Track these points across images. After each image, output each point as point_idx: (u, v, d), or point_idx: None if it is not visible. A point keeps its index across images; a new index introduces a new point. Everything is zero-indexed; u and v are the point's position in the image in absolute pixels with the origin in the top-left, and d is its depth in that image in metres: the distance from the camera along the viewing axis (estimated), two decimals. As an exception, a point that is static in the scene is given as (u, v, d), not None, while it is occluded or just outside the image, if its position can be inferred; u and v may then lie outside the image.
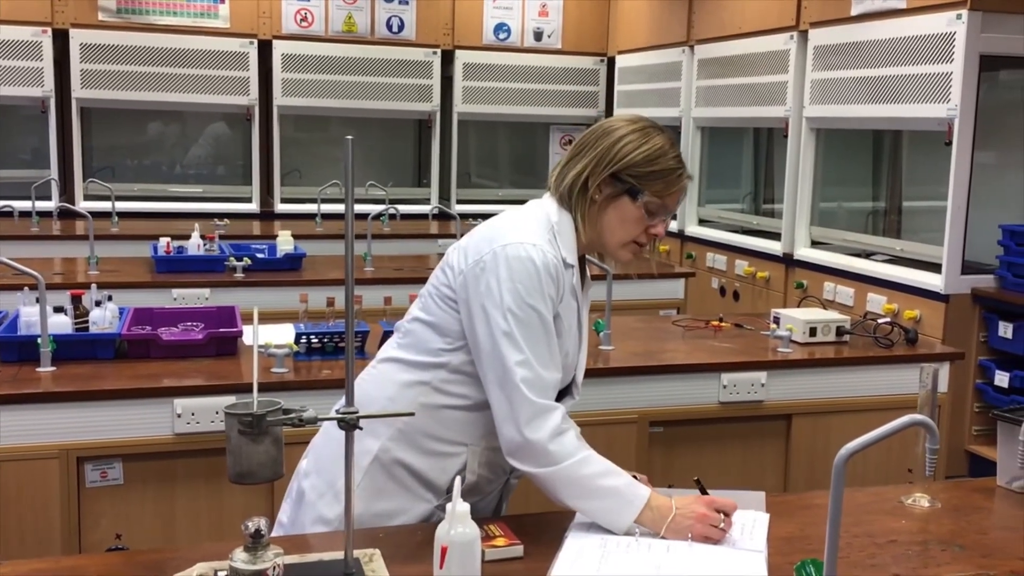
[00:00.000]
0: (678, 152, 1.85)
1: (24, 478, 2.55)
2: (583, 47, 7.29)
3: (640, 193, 1.80)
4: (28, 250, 4.84)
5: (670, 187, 1.82)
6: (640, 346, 3.25)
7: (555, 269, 1.76)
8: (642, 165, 1.80)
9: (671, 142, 1.85)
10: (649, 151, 1.81)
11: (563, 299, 1.80)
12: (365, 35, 6.82)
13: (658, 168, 1.80)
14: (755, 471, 3.13)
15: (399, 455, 1.86)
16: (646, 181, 1.80)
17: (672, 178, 1.82)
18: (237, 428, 1.48)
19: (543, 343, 1.75)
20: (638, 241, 1.85)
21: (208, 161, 7.20)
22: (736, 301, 5.61)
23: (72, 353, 2.81)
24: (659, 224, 1.84)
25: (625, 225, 1.83)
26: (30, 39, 6.15)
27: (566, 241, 1.82)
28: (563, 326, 1.81)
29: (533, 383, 1.73)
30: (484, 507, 1.97)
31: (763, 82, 5.39)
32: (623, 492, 1.74)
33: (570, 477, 1.73)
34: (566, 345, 1.83)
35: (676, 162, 1.83)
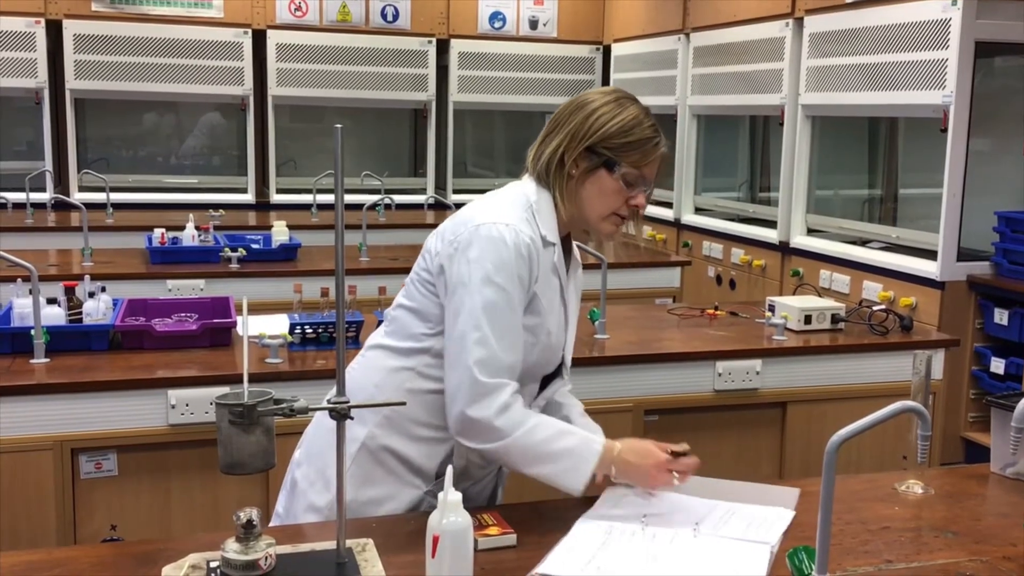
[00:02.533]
0: (653, 121, 1.83)
1: (18, 470, 2.55)
2: (578, 35, 7.27)
3: (616, 165, 1.80)
4: (22, 242, 4.84)
5: (647, 157, 1.81)
6: (635, 335, 3.25)
7: (528, 248, 1.75)
8: (617, 136, 1.79)
9: (646, 112, 1.83)
10: (623, 122, 1.79)
11: (541, 277, 1.79)
12: (360, 24, 6.80)
13: (633, 139, 1.79)
14: (750, 458, 3.13)
15: (386, 442, 1.86)
16: (622, 152, 1.79)
17: (648, 148, 1.80)
18: (228, 419, 1.47)
19: (506, 323, 1.73)
20: (619, 213, 1.84)
21: (203, 151, 7.18)
22: (732, 289, 5.61)
23: (66, 345, 2.80)
24: (639, 195, 1.83)
25: (604, 198, 1.82)
26: (23, 30, 6.12)
27: (545, 219, 1.82)
28: (542, 304, 1.80)
29: (486, 363, 1.72)
30: (478, 494, 1.97)
31: (759, 70, 5.38)
32: (577, 450, 1.76)
33: (523, 447, 1.74)
34: (548, 323, 1.82)
35: (652, 131, 1.81)
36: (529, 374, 1.85)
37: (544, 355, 1.85)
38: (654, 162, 1.83)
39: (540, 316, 1.80)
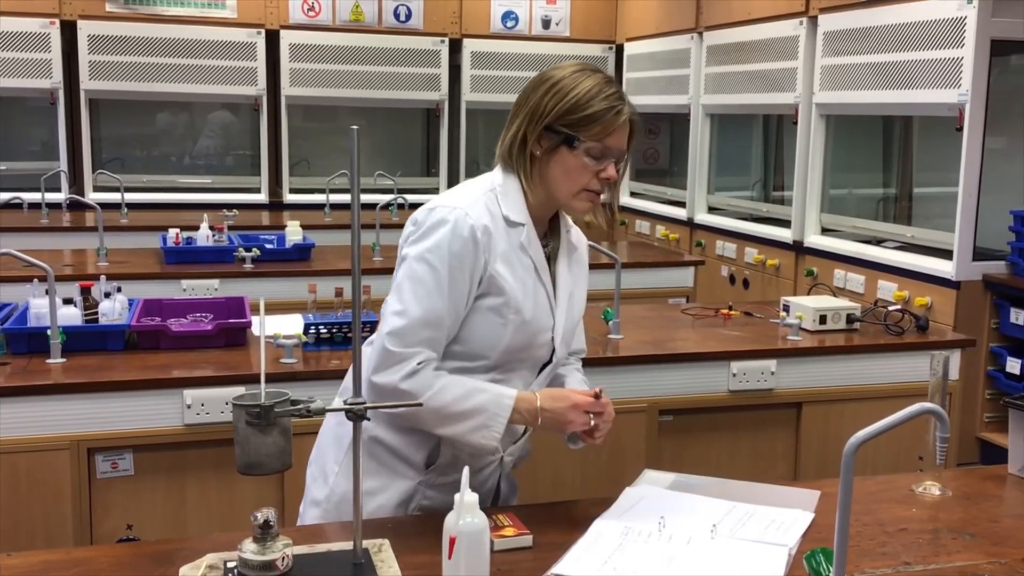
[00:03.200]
0: (614, 90, 1.79)
1: (35, 469, 2.56)
2: (591, 35, 7.26)
3: (576, 140, 1.76)
4: (38, 242, 4.86)
5: (608, 127, 1.77)
6: (649, 335, 3.24)
7: (474, 230, 1.74)
8: (573, 112, 1.76)
9: (606, 80, 1.80)
10: (578, 96, 1.76)
11: (500, 257, 1.77)
12: (372, 24, 6.80)
13: (590, 111, 1.76)
14: (765, 459, 3.12)
15: (376, 433, 1.87)
16: (580, 127, 1.76)
17: (608, 118, 1.76)
18: (245, 419, 1.48)
19: (430, 299, 1.72)
20: (589, 188, 1.80)
21: (217, 151, 7.20)
22: (746, 289, 5.60)
23: (82, 345, 2.81)
24: (608, 167, 1.79)
25: (570, 176, 1.79)
26: (38, 31, 6.15)
27: (512, 201, 1.81)
28: (503, 284, 1.77)
29: (399, 334, 1.72)
30: (478, 488, 1.92)
31: (772, 68, 5.36)
32: (487, 406, 1.74)
33: (434, 408, 1.73)
34: (515, 303, 1.78)
35: (610, 101, 1.77)
36: (516, 359, 1.83)
37: (522, 336, 1.81)
38: (619, 131, 1.78)
39: (503, 295, 1.77)
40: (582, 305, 1.98)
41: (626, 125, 1.80)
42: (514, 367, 1.84)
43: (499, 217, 1.79)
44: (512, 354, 1.82)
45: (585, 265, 1.98)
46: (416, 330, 1.72)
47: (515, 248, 1.79)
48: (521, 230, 1.80)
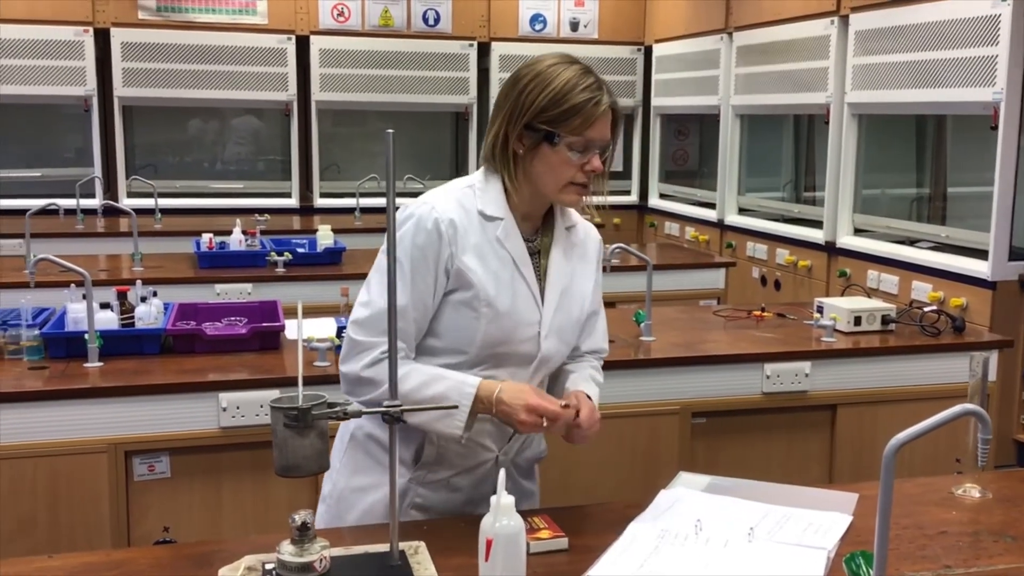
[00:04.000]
0: (592, 81, 1.75)
1: (74, 472, 2.59)
2: (620, 36, 7.25)
3: (555, 136, 1.74)
4: (73, 247, 4.91)
5: (588, 119, 1.73)
6: (681, 337, 3.23)
7: (438, 223, 1.74)
8: (551, 108, 1.73)
9: (583, 71, 1.77)
10: (555, 91, 1.74)
11: (470, 250, 1.76)
12: (401, 29, 6.83)
13: (569, 105, 1.73)
14: (799, 462, 3.10)
15: (369, 430, 1.88)
16: (560, 122, 1.73)
17: (587, 109, 1.73)
18: (283, 422, 1.49)
19: (400, 286, 1.72)
20: (575, 182, 1.77)
21: (246, 156, 7.26)
22: (777, 291, 5.56)
23: (118, 348, 2.85)
24: (592, 159, 1.76)
25: (554, 171, 1.77)
26: (72, 39, 6.24)
27: (490, 196, 1.80)
28: (472, 277, 1.76)
29: (364, 323, 1.76)
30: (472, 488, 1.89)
31: (803, 68, 5.33)
32: (449, 394, 1.73)
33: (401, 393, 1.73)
34: (487, 296, 1.77)
35: (588, 92, 1.73)
36: (499, 354, 1.81)
37: (499, 330, 1.78)
38: (599, 122, 1.75)
39: (472, 288, 1.76)
40: (588, 302, 1.92)
41: (607, 115, 1.76)
42: (500, 362, 1.81)
43: (473, 211, 1.79)
44: (492, 348, 1.80)
45: (593, 261, 1.94)
46: (380, 320, 1.73)
47: (490, 242, 1.79)
48: (498, 224, 1.80)
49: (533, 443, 1.98)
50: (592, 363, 2.02)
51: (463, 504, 1.89)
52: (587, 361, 2.01)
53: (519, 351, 1.82)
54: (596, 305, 1.98)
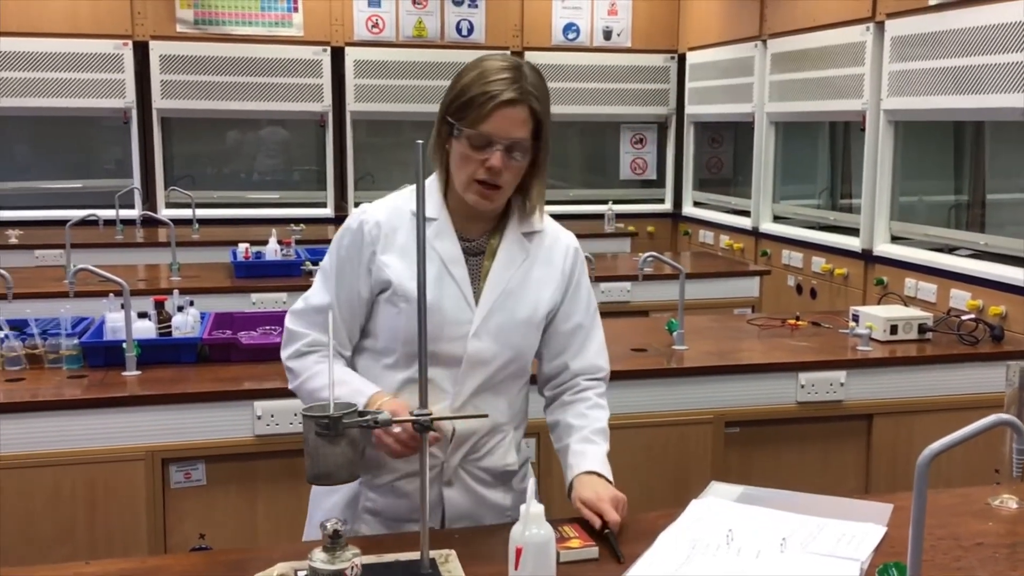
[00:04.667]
0: (501, 77, 1.75)
1: (112, 479, 2.63)
2: (653, 44, 7.23)
3: (455, 129, 1.77)
4: (112, 257, 4.99)
5: (482, 112, 1.73)
6: (714, 345, 3.21)
7: (363, 225, 1.83)
8: (455, 100, 1.78)
9: (501, 68, 1.76)
10: (461, 86, 1.78)
11: (395, 249, 1.81)
12: (435, 39, 6.87)
13: (468, 98, 1.75)
14: (835, 472, 3.07)
15: None
16: (460, 116, 1.76)
17: (482, 101, 1.73)
18: (314, 430, 1.51)
19: (324, 287, 1.86)
20: (477, 179, 1.77)
21: (277, 167, 7.33)
22: (813, 299, 5.51)
23: (156, 357, 2.89)
24: (492, 156, 1.74)
25: (459, 166, 1.79)
26: (112, 52, 6.33)
27: (428, 197, 1.77)
28: (391, 272, 1.80)
29: (297, 313, 1.89)
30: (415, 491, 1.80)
31: (839, 75, 5.28)
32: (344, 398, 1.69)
33: (306, 392, 1.84)
34: (404, 292, 1.79)
35: (488, 87, 1.73)
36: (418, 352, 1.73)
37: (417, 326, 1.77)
38: (496, 117, 1.73)
39: (390, 284, 1.81)
40: (544, 306, 1.88)
41: (510, 112, 1.74)
42: (435, 361, 1.77)
43: (405, 212, 1.84)
44: (407, 342, 1.78)
45: (557, 268, 1.91)
46: (309, 313, 1.87)
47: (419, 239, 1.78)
48: (430, 225, 1.82)
49: (495, 452, 1.91)
50: (592, 399, 1.95)
51: (410, 511, 1.85)
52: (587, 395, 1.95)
53: (447, 350, 1.81)
54: (581, 320, 1.94)
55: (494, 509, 1.93)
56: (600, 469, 1.84)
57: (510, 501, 1.94)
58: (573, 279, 1.93)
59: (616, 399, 2.89)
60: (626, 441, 2.92)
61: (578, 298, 1.93)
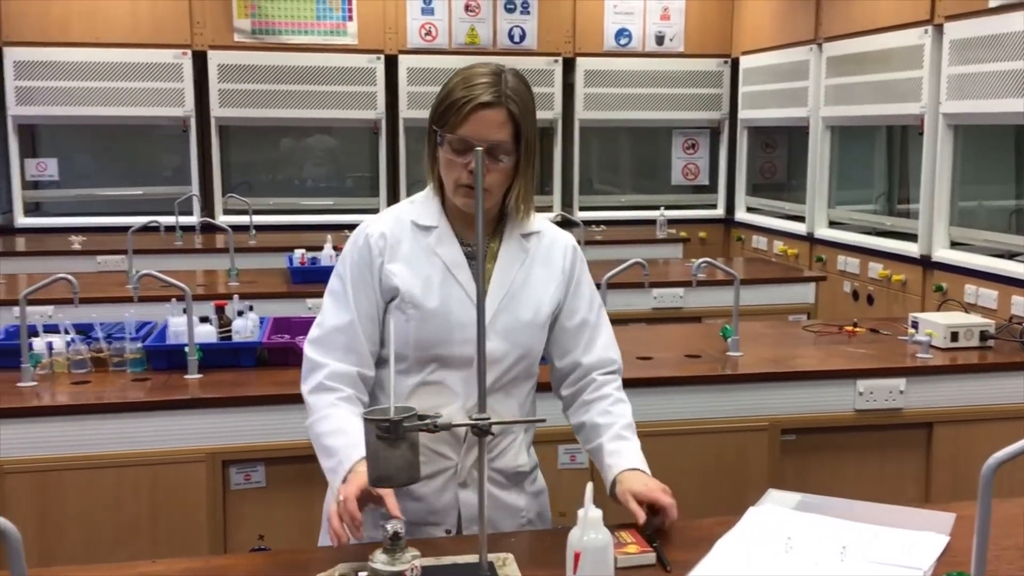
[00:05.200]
0: (479, 81, 1.78)
1: (174, 480, 2.69)
2: (706, 49, 7.20)
3: (438, 135, 1.81)
4: (172, 263, 5.09)
5: (459, 115, 1.77)
6: (770, 352, 3.19)
7: (368, 238, 1.85)
8: (438, 107, 1.82)
9: (481, 73, 1.80)
10: (441, 94, 1.82)
11: (400, 259, 1.84)
12: (487, 46, 6.91)
13: (446, 104, 1.80)
14: (894, 481, 3.03)
15: None
16: (442, 122, 1.80)
17: (459, 105, 1.77)
18: (375, 433, 1.52)
19: (340, 305, 1.86)
20: (461, 183, 1.80)
21: (330, 175, 7.42)
22: (870, 305, 5.44)
23: (216, 361, 2.95)
24: (472, 159, 1.76)
25: (446, 172, 1.83)
26: (171, 61, 6.47)
27: (424, 207, 1.89)
28: (400, 280, 1.83)
29: (316, 340, 1.87)
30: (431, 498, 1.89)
31: (896, 78, 5.21)
32: (339, 454, 1.76)
33: (314, 434, 1.84)
34: (413, 299, 1.83)
35: (467, 91, 1.77)
36: (438, 357, 1.84)
37: (432, 331, 1.83)
38: (473, 120, 1.76)
39: (398, 292, 1.83)
40: (547, 305, 1.91)
41: (486, 113, 1.76)
42: (444, 364, 1.84)
43: (406, 222, 1.88)
44: (428, 351, 1.83)
45: (557, 267, 1.94)
46: (329, 337, 1.85)
47: (423, 249, 1.86)
48: (431, 232, 1.87)
49: (507, 454, 1.94)
50: (612, 395, 1.96)
51: (427, 514, 1.88)
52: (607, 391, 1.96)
53: (458, 352, 1.84)
54: (586, 316, 1.97)
55: (508, 511, 1.96)
56: (640, 465, 1.86)
57: (523, 503, 1.98)
58: (574, 277, 1.96)
59: (670, 405, 2.92)
60: (681, 447, 2.92)
61: (580, 295, 1.97)
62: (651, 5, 7.10)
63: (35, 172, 6.67)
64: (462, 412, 1.84)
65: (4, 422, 2.61)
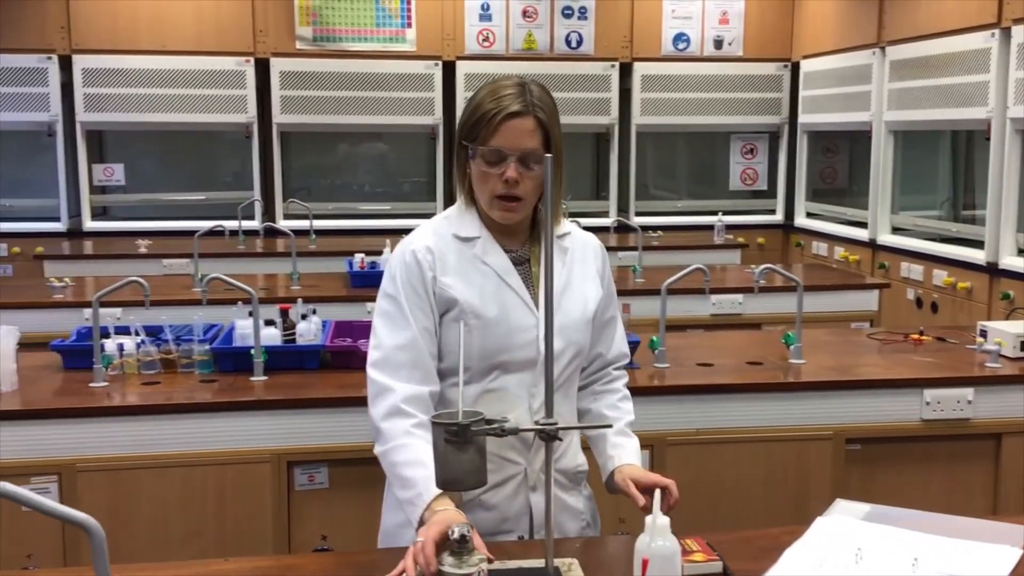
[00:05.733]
0: (506, 92, 1.82)
1: (240, 480, 2.73)
2: (765, 53, 7.13)
3: (471, 149, 1.83)
4: (234, 267, 5.16)
5: (491, 128, 1.80)
6: (833, 360, 3.15)
7: (415, 255, 1.86)
8: (468, 122, 1.85)
9: (506, 85, 1.83)
10: (470, 109, 1.85)
11: (451, 270, 1.85)
12: (544, 52, 6.92)
13: (476, 118, 1.83)
14: (961, 493, 2.97)
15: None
16: (472, 136, 1.83)
17: (489, 117, 1.80)
18: (443, 437, 1.54)
19: (397, 324, 1.84)
20: (497, 195, 1.83)
21: (385, 180, 7.48)
22: (934, 313, 5.34)
23: (281, 363, 2.99)
24: (506, 168, 1.81)
25: (480, 185, 1.85)
26: (234, 68, 6.59)
27: (462, 219, 1.91)
28: (456, 292, 1.84)
29: (378, 363, 1.84)
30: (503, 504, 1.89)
31: (962, 83, 5.12)
32: (418, 486, 1.72)
33: (389, 462, 1.80)
34: (471, 307, 1.84)
35: (495, 103, 1.81)
36: (500, 363, 1.85)
37: (495, 338, 1.84)
38: (504, 130, 1.80)
39: (457, 303, 1.84)
40: (592, 301, 1.96)
41: (516, 122, 1.80)
42: (506, 370, 1.86)
43: (448, 236, 1.89)
44: (491, 358, 1.85)
45: (591, 263, 2.00)
46: (393, 356, 1.83)
47: (470, 260, 1.88)
48: (475, 243, 1.89)
49: (567, 454, 1.97)
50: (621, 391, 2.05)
51: (500, 523, 1.89)
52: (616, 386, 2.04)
53: (520, 356, 1.86)
54: (613, 311, 2.04)
55: (572, 513, 1.98)
56: (638, 464, 1.92)
57: (582, 505, 2.01)
58: (605, 275, 2.02)
59: (733, 412, 2.90)
60: (742, 455, 2.89)
61: (610, 292, 2.04)
62: (710, 9, 7.06)
63: (102, 177, 6.84)
64: (527, 415, 1.86)
65: (77, 422, 2.68)
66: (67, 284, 4.49)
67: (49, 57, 6.38)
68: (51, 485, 2.63)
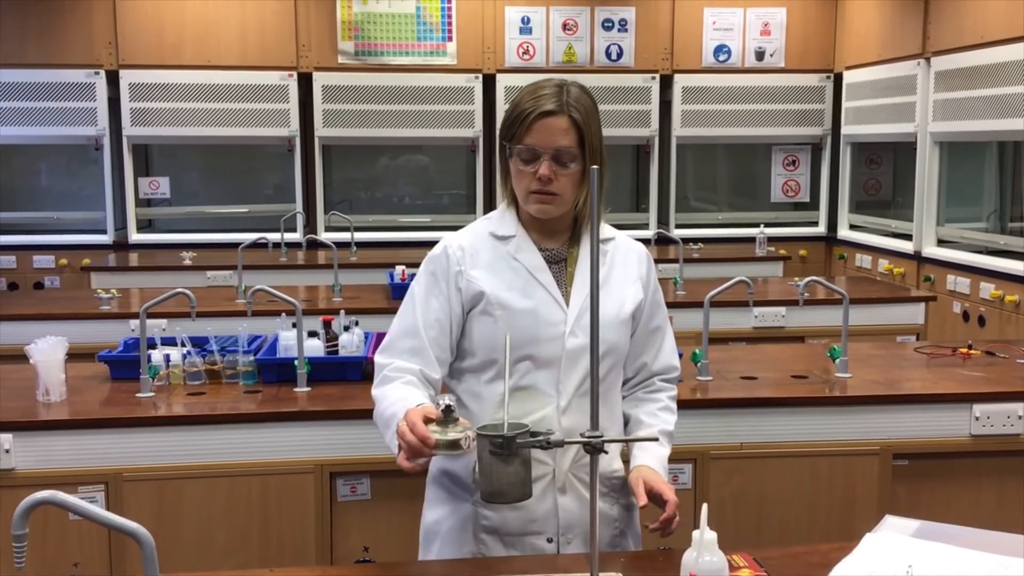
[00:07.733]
0: (541, 94, 1.86)
1: (283, 491, 2.75)
2: (807, 64, 7.08)
3: (508, 148, 1.88)
4: (277, 278, 5.22)
5: (525, 126, 1.85)
6: (879, 374, 3.11)
7: (445, 249, 1.93)
8: (505, 122, 1.90)
9: (544, 86, 1.88)
10: (510, 108, 1.90)
11: (483, 266, 1.90)
12: (585, 64, 6.92)
13: (513, 117, 1.88)
14: (1012, 510, 2.91)
15: (442, 464, 1.96)
16: (510, 135, 1.88)
17: (524, 116, 1.85)
18: (488, 448, 1.54)
19: (405, 313, 1.93)
20: (531, 190, 1.88)
21: (425, 193, 7.52)
22: (981, 327, 5.25)
23: (324, 375, 3.01)
24: (540, 165, 1.85)
25: (518, 182, 1.90)
26: (278, 83, 6.66)
27: (501, 219, 1.97)
28: (484, 284, 1.89)
29: (384, 347, 1.93)
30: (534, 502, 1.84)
31: (1009, 93, 5.04)
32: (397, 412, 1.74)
33: (376, 414, 1.87)
34: (500, 300, 1.88)
35: (532, 103, 1.85)
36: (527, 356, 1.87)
37: (521, 331, 1.86)
38: (538, 128, 1.84)
39: (484, 296, 1.88)
40: (626, 302, 1.96)
41: (549, 120, 1.84)
42: (536, 363, 1.88)
43: (486, 235, 1.95)
44: (518, 351, 1.85)
45: (633, 267, 2.00)
46: (397, 341, 1.91)
47: (503, 257, 1.92)
48: (510, 241, 1.94)
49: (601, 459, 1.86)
50: (664, 401, 2.05)
51: (528, 523, 1.90)
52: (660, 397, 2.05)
53: (546, 352, 1.88)
54: (659, 322, 2.05)
55: (604, 520, 1.97)
56: (659, 468, 1.92)
57: (617, 513, 1.99)
58: (651, 283, 2.03)
59: (778, 426, 2.87)
60: (788, 470, 2.86)
61: (657, 301, 2.04)
62: (751, 21, 7.02)
63: (148, 190, 6.94)
64: (556, 414, 1.88)
65: (124, 432, 2.71)
66: (113, 296, 4.55)
67: (96, 72, 6.50)
68: (98, 494, 2.66)
